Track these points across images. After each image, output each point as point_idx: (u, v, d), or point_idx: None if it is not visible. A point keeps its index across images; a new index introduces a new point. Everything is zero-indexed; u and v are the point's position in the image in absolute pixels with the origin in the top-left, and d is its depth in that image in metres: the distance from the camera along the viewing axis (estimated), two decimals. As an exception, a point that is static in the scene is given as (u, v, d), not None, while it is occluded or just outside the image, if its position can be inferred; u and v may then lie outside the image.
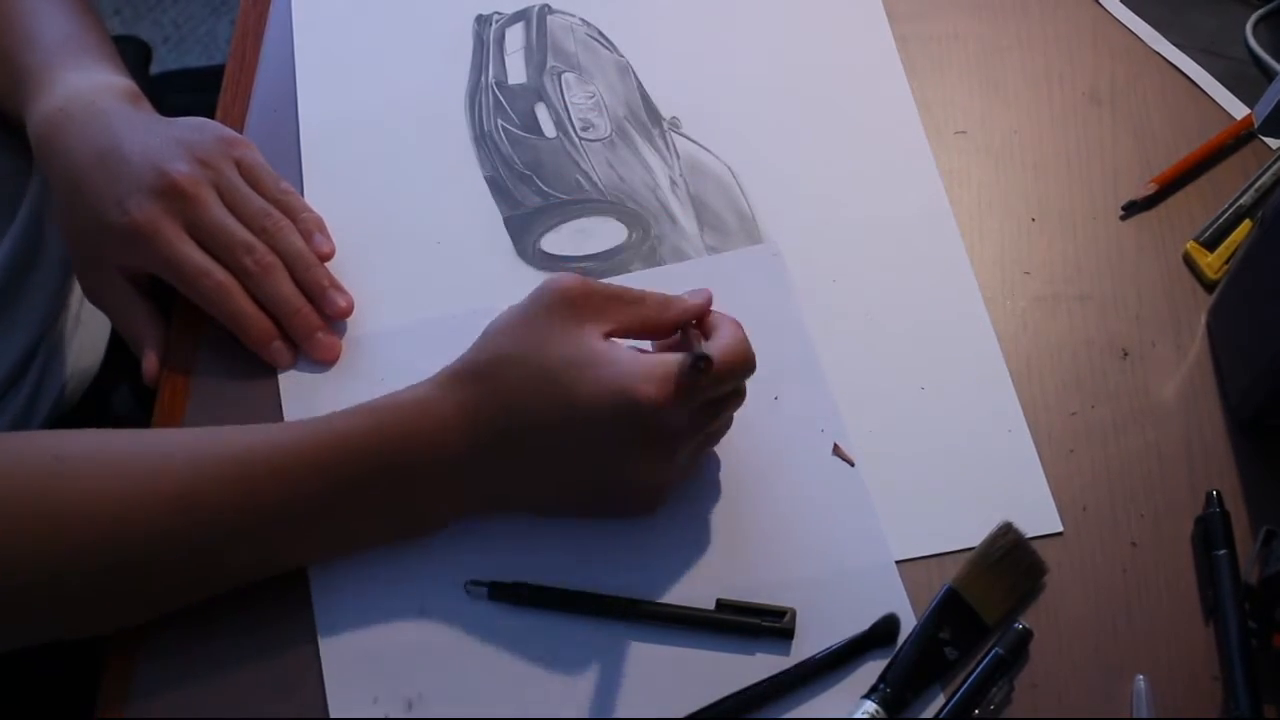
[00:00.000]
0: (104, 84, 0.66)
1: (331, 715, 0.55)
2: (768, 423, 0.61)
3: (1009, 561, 0.56)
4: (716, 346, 0.55)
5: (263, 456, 0.54)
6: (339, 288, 0.65)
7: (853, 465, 0.60)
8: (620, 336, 0.56)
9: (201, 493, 0.53)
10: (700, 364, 0.50)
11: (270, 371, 0.64)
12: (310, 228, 0.66)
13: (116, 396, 0.80)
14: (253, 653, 0.56)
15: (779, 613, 0.56)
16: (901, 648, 0.55)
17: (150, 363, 0.64)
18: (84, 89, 0.65)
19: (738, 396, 0.58)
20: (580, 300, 0.55)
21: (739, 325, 0.57)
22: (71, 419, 0.76)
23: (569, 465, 0.56)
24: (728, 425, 0.59)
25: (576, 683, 0.55)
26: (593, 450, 0.55)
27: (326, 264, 0.66)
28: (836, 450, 0.60)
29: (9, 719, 0.71)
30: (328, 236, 0.67)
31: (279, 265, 0.64)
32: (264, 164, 0.67)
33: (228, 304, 0.62)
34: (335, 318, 0.65)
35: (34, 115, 0.65)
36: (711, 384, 0.54)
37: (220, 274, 0.62)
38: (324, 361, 0.64)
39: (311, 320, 0.64)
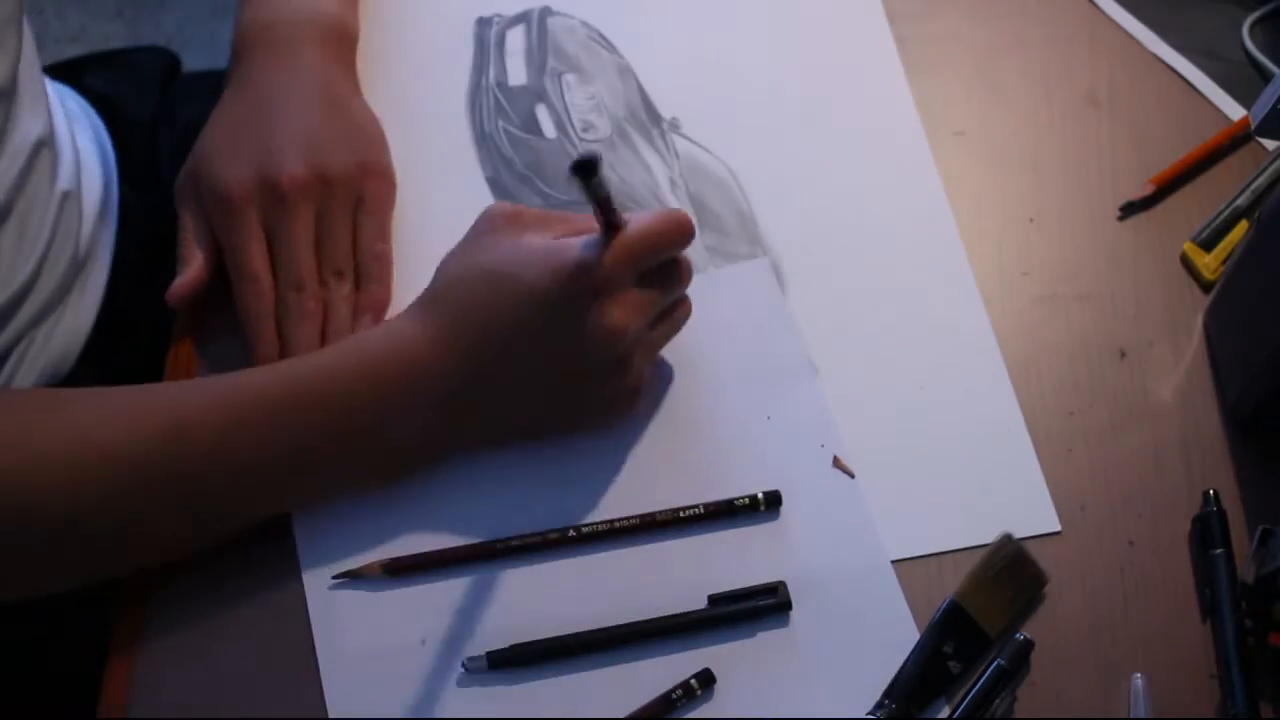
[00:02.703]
0: (313, 12, 0.68)
1: (328, 705, 0.55)
2: (763, 440, 0.61)
3: (1010, 573, 0.56)
4: (641, 217, 0.57)
5: (249, 393, 0.55)
6: None
7: (853, 477, 0.60)
8: None
9: (189, 424, 0.54)
10: (586, 163, 0.48)
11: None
12: (369, 304, 0.65)
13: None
14: (253, 651, 0.56)
15: (770, 589, 0.57)
16: (905, 663, 0.55)
17: (183, 281, 0.64)
18: (298, 15, 0.68)
19: (683, 286, 0.60)
20: (515, 216, 0.59)
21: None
22: None
23: (541, 362, 0.56)
24: (683, 319, 0.61)
25: (580, 708, 0.55)
26: (560, 337, 0.56)
27: None
28: (837, 463, 0.60)
29: (10, 718, 0.72)
30: (378, 323, 0.65)
31: (317, 315, 0.63)
32: (384, 211, 0.66)
33: (256, 316, 0.62)
34: None
35: (242, 20, 0.68)
36: (647, 248, 0.56)
37: (266, 287, 0.62)
38: None
39: None
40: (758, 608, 0.56)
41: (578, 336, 0.55)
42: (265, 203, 0.63)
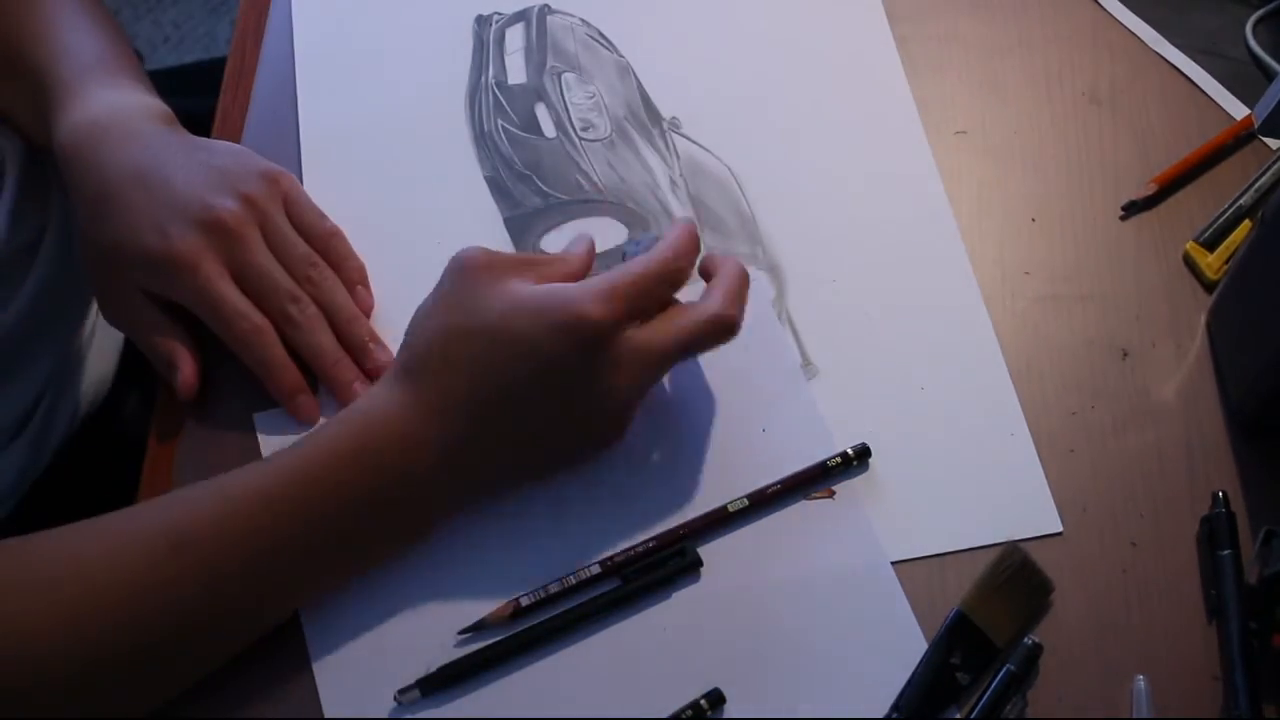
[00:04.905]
0: (139, 103, 0.65)
1: (324, 709, 0.55)
2: (759, 454, 0.60)
3: (1016, 582, 0.56)
4: (656, 254, 0.56)
5: (247, 495, 0.53)
6: (380, 342, 0.63)
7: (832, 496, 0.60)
8: None
9: (187, 540, 0.51)
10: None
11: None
12: (354, 278, 0.65)
13: (127, 408, 0.80)
14: (247, 654, 0.56)
15: (678, 552, 0.57)
16: (913, 675, 0.54)
17: (185, 375, 0.62)
18: (120, 106, 0.64)
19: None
20: (491, 264, 0.56)
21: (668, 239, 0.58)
22: (85, 430, 0.76)
23: (542, 413, 0.55)
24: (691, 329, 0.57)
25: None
26: (559, 386, 0.54)
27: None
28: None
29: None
30: (369, 288, 0.65)
31: (321, 316, 0.62)
32: (309, 201, 0.65)
33: (261, 350, 0.60)
34: (373, 375, 0.62)
35: (63, 125, 0.63)
36: (642, 287, 0.55)
37: (257, 317, 0.60)
38: None
39: (350, 372, 0.62)
40: (671, 572, 0.57)
41: (593, 386, 0.54)
42: (218, 246, 0.60)
